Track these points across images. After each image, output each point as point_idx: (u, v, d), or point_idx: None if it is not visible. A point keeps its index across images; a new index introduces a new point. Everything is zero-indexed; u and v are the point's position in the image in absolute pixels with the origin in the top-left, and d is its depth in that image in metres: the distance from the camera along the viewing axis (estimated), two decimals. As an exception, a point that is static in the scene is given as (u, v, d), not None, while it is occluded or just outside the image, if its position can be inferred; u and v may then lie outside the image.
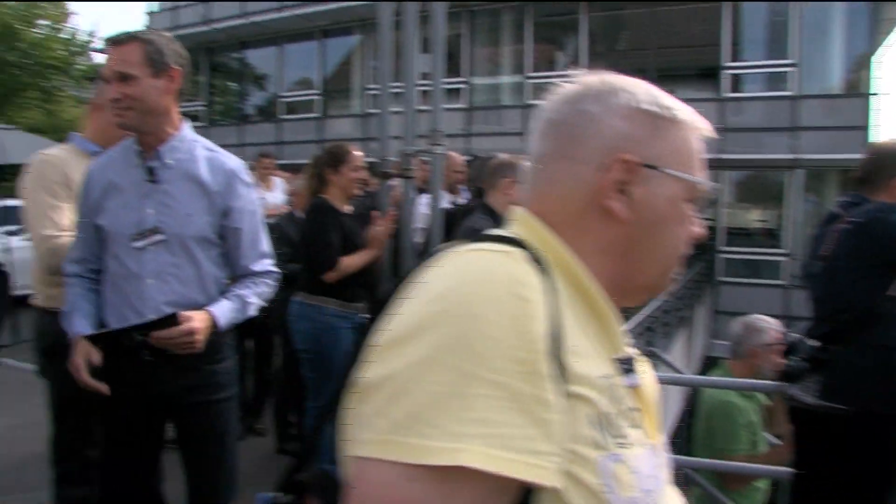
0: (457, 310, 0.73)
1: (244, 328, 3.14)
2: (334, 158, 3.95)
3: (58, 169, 2.82)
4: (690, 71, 17.08)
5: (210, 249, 2.37)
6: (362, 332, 0.86)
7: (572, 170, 0.93)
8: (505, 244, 0.83)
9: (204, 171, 2.34)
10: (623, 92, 0.93)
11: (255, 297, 2.44)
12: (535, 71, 17.43)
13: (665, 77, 13.56)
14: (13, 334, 8.65)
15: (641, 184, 0.91)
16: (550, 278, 0.80)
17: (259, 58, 21.32)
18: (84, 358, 2.22)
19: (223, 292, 2.40)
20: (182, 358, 2.22)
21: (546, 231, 0.91)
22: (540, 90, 14.69)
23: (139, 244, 2.28)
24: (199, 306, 2.27)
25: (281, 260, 4.69)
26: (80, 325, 2.29)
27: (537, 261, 0.81)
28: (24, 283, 9.03)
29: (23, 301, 8.67)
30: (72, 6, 26.82)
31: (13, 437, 5.19)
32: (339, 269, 3.78)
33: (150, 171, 2.30)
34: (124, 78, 2.21)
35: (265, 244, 2.52)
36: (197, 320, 2.19)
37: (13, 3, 25.60)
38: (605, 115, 0.92)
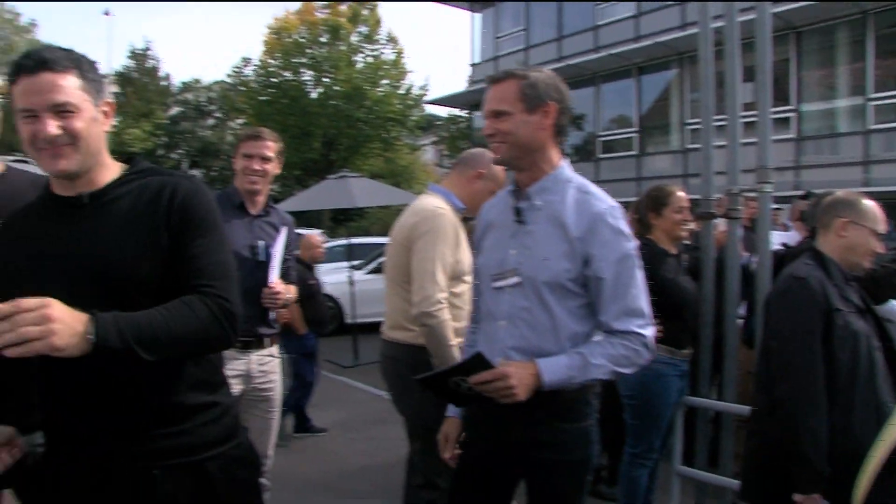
0: None
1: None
2: (656, 202, 3.84)
3: (453, 223, 3.03)
4: None
5: (567, 299, 2.16)
6: (687, 380, 0.75)
7: None
8: None
9: (570, 215, 2.16)
10: None
11: (603, 358, 2.08)
12: (878, 91, 15.47)
13: None
14: (354, 357, 9.65)
15: None
16: None
17: (576, 98, 21.67)
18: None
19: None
20: (532, 411, 2.11)
21: None
22: (885, 112, 13.12)
23: (498, 284, 2.23)
24: (549, 356, 2.10)
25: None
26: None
27: None
28: (364, 312, 10.18)
29: (361, 328, 9.79)
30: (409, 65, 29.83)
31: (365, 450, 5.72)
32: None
33: (518, 212, 2.24)
34: (498, 114, 2.18)
35: (635, 300, 2.14)
36: (513, 366, 2.03)
37: (361, 67, 29.20)
38: None
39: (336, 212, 21.60)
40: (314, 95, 28.93)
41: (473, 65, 24.91)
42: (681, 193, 3.82)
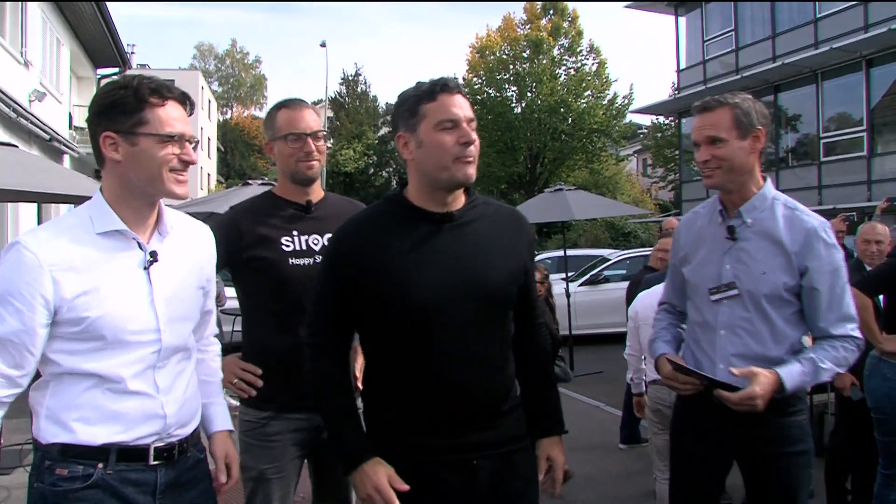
0: None
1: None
2: None
3: None
4: None
5: (784, 308, 2.38)
6: None
7: None
8: None
9: (783, 231, 2.38)
10: None
11: (829, 362, 2.32)
12: None
13: None
14: (571, 369, 9.82)
15: None
16: None
17: (792, 99, 20.45)
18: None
19: (797, 352, 2.38)
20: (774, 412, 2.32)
21: None
22: None
23: (716, 297, 2.44)
24: (769, 361, 2.33)
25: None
26: (663, 347, 2.59)
27: None
28: (580, 323, 10.36)
29: (577, 339, 9.94)
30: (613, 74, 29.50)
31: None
32: None
33: (731, 230, 2.44)
34: (714, 141, 2.38)
35: (849, 307, 2.39)
36: (761, 385, 2.22)
37: (564, 80, 29.35)
38: None
39: (542, 224, 21.87)
40: (518, 110, 29.52)
41: (679, 70, 24.24)
42: None
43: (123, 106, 1.81)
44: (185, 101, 1.90)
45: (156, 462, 1.87)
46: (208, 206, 9.06)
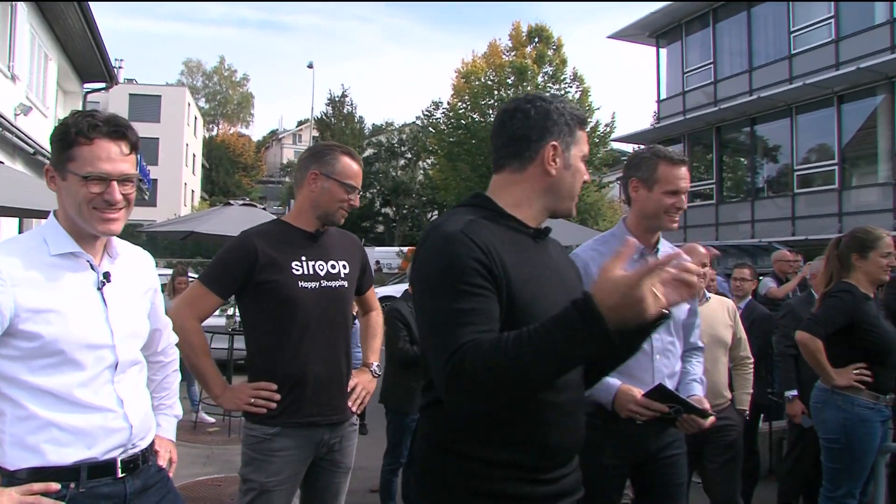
0: None
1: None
2: (862, 244, 3.80)
3: None
4: None
5: (680, 329, 2.90)
6: (889, 425, 0.99)
7: None
8: None
9: None
10: None
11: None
12: None
13: None
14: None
15: None
16: None
17: (769, 131, 20.89)
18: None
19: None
20: (664, 422, 2.66)
21: None
22: None
23: None
24: (675, 376, 2.84)
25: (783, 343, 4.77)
26: (614, 381, 2.67)
27: None
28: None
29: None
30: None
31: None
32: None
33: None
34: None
35: None
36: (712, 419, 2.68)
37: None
38: None
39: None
40: (501, 135, 29.80)
41: (660, 100, 24.69)
42: (889, 238, 3.81)
43: (60, 141, 1.90)
44: (121, 137, 1.91)
45: (123, 475, 1.93)
46: (188, 225, 9.17)
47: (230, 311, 8.45)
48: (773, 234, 18.54)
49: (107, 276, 1.97)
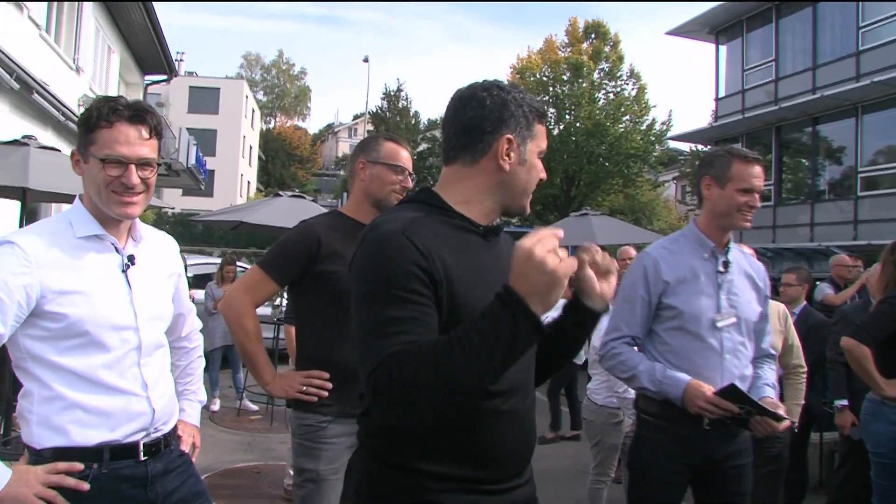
0: None
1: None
2: None
3: None
4: None
5: (752, 333, 2.86)
6: None
7: None
8: None
9: (749, 267, 2.93)
10: None
11: (773, 380, 2.94)
12: None
13: None
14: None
15: None
16: None
17: (832, 131, 20.21)
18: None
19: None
20: (733, 426, 2.64)
21: None
22: None
23: (721, 324, 2.75)
24: (746, 379, 2.80)
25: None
26: (682, 375, 2.71)
27: None
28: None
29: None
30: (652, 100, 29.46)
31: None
32: None
33: (727, 265, 2.83)
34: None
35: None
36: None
37: (603, 104, 29.38)
38: None
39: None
40: (555, 132, 29.59)
41: (718, 99, 24.13)
42: None
43: (84, 125, 1.94)
44: (141, 122, 1.94)
45: (145, 458, 1.98)
46: (237, 215, 9.30)
47: (276, 301, 8.55)
48: (832, 238, 17.92)
49: (131, 258, 2.02)
